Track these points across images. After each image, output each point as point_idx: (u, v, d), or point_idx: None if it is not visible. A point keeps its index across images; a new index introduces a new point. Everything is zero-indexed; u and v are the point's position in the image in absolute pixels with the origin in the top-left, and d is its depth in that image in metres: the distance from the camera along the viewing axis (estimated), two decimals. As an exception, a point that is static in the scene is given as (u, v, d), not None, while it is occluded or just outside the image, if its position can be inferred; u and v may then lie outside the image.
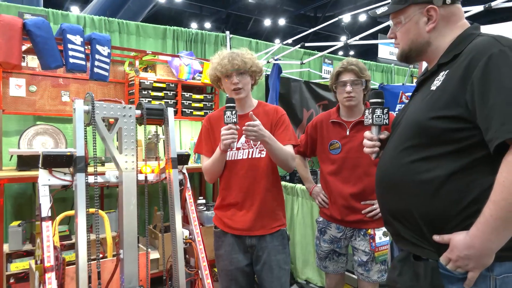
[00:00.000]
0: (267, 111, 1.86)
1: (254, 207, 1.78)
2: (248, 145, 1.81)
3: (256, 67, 1.82)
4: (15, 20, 2.58)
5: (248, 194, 1.78)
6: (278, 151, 1.72)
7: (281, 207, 1.88)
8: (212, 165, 1.80)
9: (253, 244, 1.80)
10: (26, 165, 2.83)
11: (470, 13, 2.44)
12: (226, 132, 1.64)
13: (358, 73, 1.91)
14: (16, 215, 3.15)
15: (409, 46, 1.16)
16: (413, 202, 1.06)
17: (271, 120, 1.83)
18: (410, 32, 1.15)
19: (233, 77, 1.77)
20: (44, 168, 1.77)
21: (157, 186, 2.06)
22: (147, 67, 3.70)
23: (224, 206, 1.86)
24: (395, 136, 1.17)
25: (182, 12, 11.73)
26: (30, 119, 3.26)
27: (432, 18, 1.11)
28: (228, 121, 1.64)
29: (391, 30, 1.21)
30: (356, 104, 1.96)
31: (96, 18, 3.59)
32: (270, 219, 1.80)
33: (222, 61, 1.77)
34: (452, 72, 1.03)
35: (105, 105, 1.72)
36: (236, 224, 1.80)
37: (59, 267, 1.68)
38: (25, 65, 3.15)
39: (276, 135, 1.78)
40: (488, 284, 0.98)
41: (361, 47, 12.68)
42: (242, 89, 1.79)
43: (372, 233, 1.91)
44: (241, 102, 1.84)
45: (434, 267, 1.02)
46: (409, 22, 1.14)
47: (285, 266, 1.83)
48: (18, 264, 2.79)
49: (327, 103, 4.70)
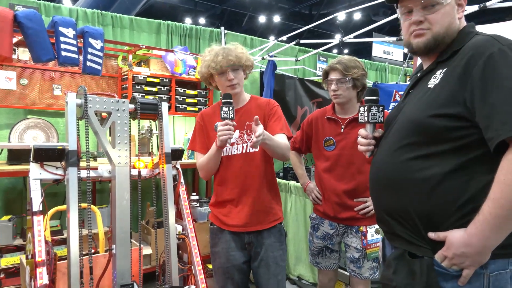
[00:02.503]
0: (259, 104, 1.85)
1: (250, 202, 1.76)
2: (242, 139, 1.80)
3: (249, 61, 1.82)
4: (6, 12, 2.53)
5: (243, 189, 1.77)
6: (275, 147, 1.70)
7: (276, 201, 1.86)
8: (208, 161, 1.78)
9: (251, 241, 1.79)
10: (17, 159, 2.80)
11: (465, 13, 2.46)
12: (222, 128, 1.62)
13: (342, 72, 1.90)
14: (6, 210, 3.12)
15: (446, 29, 1.08)
16: (410, 200, 1.06)
17: (264, 112, 1.82)
18: (449, 15, 1.08)
19: (229, 73, 1.75)
20: (36, 162, 1.75)
21: (150, 182, 2.04)
22: (141, 61, 3.66)
23: (219, 202, 1.84)
24: (391, 134, 1.17)
25: (177, 7, 11.63)
26: (21, 112, 3.21)
27: (462, 6, 1.10)
28: (225, 117, 1.61)
29: (418, 13, 1.08)
30: (345, 101, 1.96)
31: (89, 11, 3.55)
32: (266, 214, 1.79)
33: (216, 58, 1.74)
34: (450, 70, 1.03)
35: (98, 99, 1.71)
36: (232, 220, 1.79)
37: (50, 262, 1.67)
38: (16, 57, 3.10)
39: (268, 125, 1.79)
40: (482, 282, 0.99)
41: (355, 45, 12.70)
42: (238, 84, 1.79)
43: (364, 230, 1.93)
44: (236, 97, 1.83)
45: (430, 265, 1.02)
46: (448, 4, 1.08)
47: (282, 263, 1.82)
48: (9, 259, 2.76)
49: (321, 100, 4.71)
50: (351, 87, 1.93)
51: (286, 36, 4.21)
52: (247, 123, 1.80)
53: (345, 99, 1.95)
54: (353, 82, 1.92)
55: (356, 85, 1.93)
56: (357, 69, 1.91)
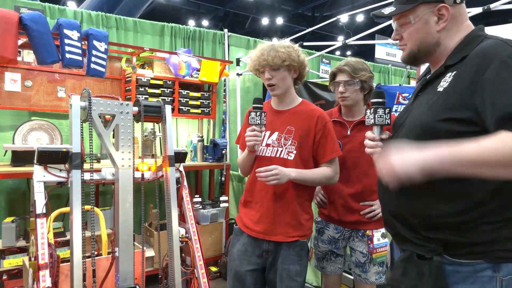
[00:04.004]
0: (310, 113, 1.73)
1: (275, 209, 1.68)
2: (278, 143, 1.71)
3: (292, 61, 1.66)
4: (11, 14, 2.54)
5: (270, 195, 1.68)
6: (310, 181, 1.68)
7: (307, 218, 1.74)
8: (243, 160, 1.78)
9: (270, 249, 1.70)
10: (21, 160, 2.80)
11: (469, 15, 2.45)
12: (249, 134, 1.61)
13: (351, 74, 1.89)
14: (9, 211, 3.12)
15: (417, 46, 1.14)
16: (416, 202, 1.06)
17: (313, 126, 1.70)
18: (419, 31, 1.12)
19: (266, 72, 1.69)
20: (39, 164, 1.75)
21: (153, 184, 2.04)
22: (144, 63, 3.67)
23: (246, 202, 1.79)
24: (400, 138, 1.16)
25: (180, 9, 11.67)
26: (25, 114, 3.22)
27: (443, 17, 1.10)
28: (252, 123, 1.60)
29: (396, 32, 1.18)
30: (353, 104, 1.95)
31: (94, 13, 3.56)
32: (291, 227, 1.68)
33: (255, 56, 1.68)
34: (460, 74, 1.03)
35: (102, 101, 1.70)
36: (254, 224, 1.71)
37: (53, 265, 1.66)
38: (21, 59, 3.11)
39: (319, 147, 1.70)
40: (495, 286, 0.98)
41: (358, 48, 12.69)
42: (276, 85, 1.69)
43: (370, 234, 1.91)
44: (280, 98, 1.76)
45: (439, 266, 1.01)
46: (418, 21, 1.12)
47: (298, 278, 1.69)
48: (11, 260, 2.76)
49: (325, 102, 4.69)
50: (358, 90, 1.91)
51: (289, 38, 4.20)
52: (288, 127, 1.71)
53: (353, 101, 1.93)
54: (361, 85, 1.90)
55: (364, 87, 1.92)
56: (365, 72, 1.90)
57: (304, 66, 1.74)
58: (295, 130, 1.70)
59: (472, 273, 0.98)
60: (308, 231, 1.75)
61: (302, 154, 1.70)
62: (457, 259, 1.00)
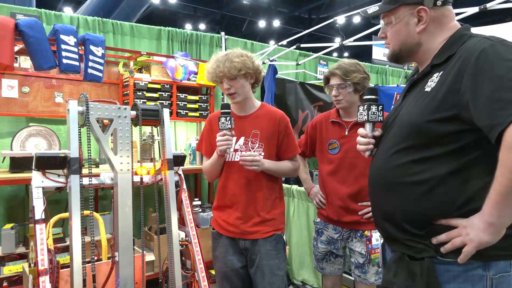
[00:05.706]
0: (271, 116, 1.82)
1: (247, 210, 1.76)
2: (246, 147, 1.79)
3: (248, 69, 1.72)
4: (7, 20, 2.54)
5: (242, 196, 1.77)
6: (279, 172, 1.81)
7: (278, 213, 1.83)
8: (210, 166, 1.82)
9: (247, 247, 1.78)
10: (19, 167, 2.80)
11: (465, 15, 2.46)
12: (220, 139, 1.67)
13: (342, 77, 1.91)
14: (8, 218, 3.11)
15: (399, 46, 1.16)
16: (406, 203, 1.06)
17: (278, 129, 1.81)
18: (400, 32, 1.14)
19: (224, 82, 1.75)
20: (38, 170, 1.75)
21: (152, 188, 2.04)
22: (142, 68, 3.67)
23: (220, 207, 1.85)
24: (388, 137, 1.16)
25: (176, 13, 11.70)
26: (23, 120, 3.22)
27: (422, 19, 1.11)
28: (223, 127, 1.65)
29: (382, 30, 1.21)
30: (347, 106, 1.96)
31: (90, 18, 3.56)
32: (264, 224, 1.77)
33: (211, 68, 1.76)
34: (446, 73, 1.03)
35: (100, 106, 1.71)
36: (230, 226, 1.79)
37: (53, 270, 1.66)
38: (18, 66, 3.11)
39: (282, 145, 1.83)
40: (485, 284, 0.98)
41: (356, 49, 12.72)
42: (236, 93, 1.76)
43: (369, 234, 1.91)
44: (241, 104, 1.82)
45: (430, 266, 1.01)
46: (399, 22, 1.14)
47: (279, 272, 1.78)
48: (11, 267, 2.75)
49: (323, 104, 4.71)
50: (352, 92, 1.92)
51: (286, 40, 4.22)
52: (253, 131, 1.79)
53: (347, 103, 1.95)
54: (354, 87, 1.91)
55: (357, 89, 1.93)
56: (357, 73, 1.90)
57: (260, 71, 1.82)
58: (260, 133, 1.79)
59: (462, 272, 0.98)
60: (281, 224, 1.84)
61: (269, 154, 1.80)
62: (447, 258, 1.00)
